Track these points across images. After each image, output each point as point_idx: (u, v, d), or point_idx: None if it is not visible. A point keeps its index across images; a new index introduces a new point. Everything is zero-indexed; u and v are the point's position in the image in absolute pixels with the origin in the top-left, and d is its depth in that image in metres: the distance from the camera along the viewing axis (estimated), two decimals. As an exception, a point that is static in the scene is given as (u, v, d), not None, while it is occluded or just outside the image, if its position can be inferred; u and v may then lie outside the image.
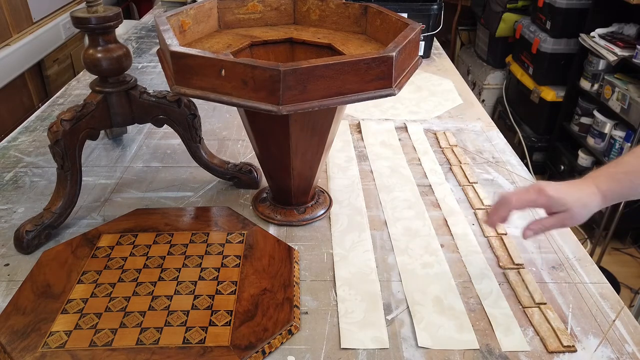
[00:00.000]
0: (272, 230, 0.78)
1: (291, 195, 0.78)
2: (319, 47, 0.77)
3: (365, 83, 0.61)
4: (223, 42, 0.76)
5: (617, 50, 2.00)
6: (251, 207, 0.83)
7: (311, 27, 0.83)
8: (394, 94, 0.63)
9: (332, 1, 0.81)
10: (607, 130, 2.13)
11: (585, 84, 2.24)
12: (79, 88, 1.28)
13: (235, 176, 0.87)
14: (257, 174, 0.88)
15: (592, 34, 2.16)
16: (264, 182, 0.89)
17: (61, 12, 2.04)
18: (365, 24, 0.80)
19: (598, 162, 2.20)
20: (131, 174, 0.92)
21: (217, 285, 0.66)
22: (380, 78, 0.62)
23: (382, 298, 0.67)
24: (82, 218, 0.81)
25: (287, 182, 0.76)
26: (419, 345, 0.60)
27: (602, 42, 2.08)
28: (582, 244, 0.79)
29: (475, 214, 0.83)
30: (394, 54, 0.60)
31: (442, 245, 0.76)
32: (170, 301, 0.63)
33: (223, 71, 0.58)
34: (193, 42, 0.75)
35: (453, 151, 1.01)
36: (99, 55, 0.74)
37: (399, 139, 1.06)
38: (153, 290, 0.65)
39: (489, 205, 0.85)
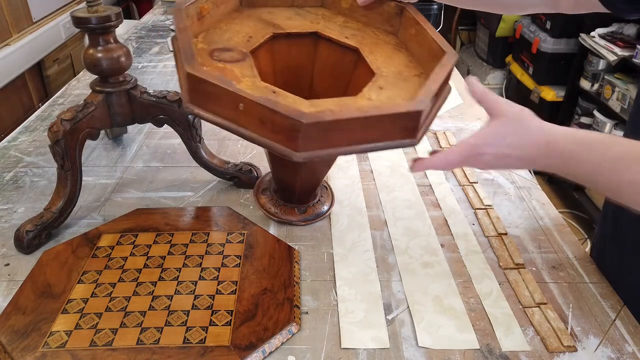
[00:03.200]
0: (273, 229, 0.78)
1: (294, 195, 0.78)
2: (345, 47, 0.72)
3: (388, 133, 0.58)
4: (244, 31, 0.70)
5: (617, 50, 2.00)
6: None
7: (339, 16, 0.78)
8: (414, 144, 0.60)
9: None
10: (607, 130, 2.13)
11: (585, 84, 2.24)
12: (79, 88, 1.28)
13: (235, 176, 0.87)
14: (257, 174, 0.88)
15: (592, 33, 2.16)
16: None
17: (61, 12, 2.04)
18: (398, 26, 0.75)
19: (598, 162, 2.20)
20: (131, 174, 0.92)
21: (218, 285, 0.66)
22: (405, 129, 0.58)
23: (383, 298, 0.67)
24: (82, 218, 0.81)
25: (292, 185, 0.76)
26: (419, 345, 0.60)
27: (602, 42, 2.08)
28: (582, 244, 0.79)
29: (476, 214, 0.83)
30: (424, 108, 0.57)
31: (442, 245, 0.76)
32: (171, 301, 0.64)
33: (241, 105, 0.55)
34: (211, 27, 0.70)
35: (453, 151, 1.01)
36: (99, 55, 0.74)
37: (399, 139, 1.05)
38: (153, 290, 0.65)
39: (489, 205, 0.85)
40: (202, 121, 0.84)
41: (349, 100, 0.61)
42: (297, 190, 0.77)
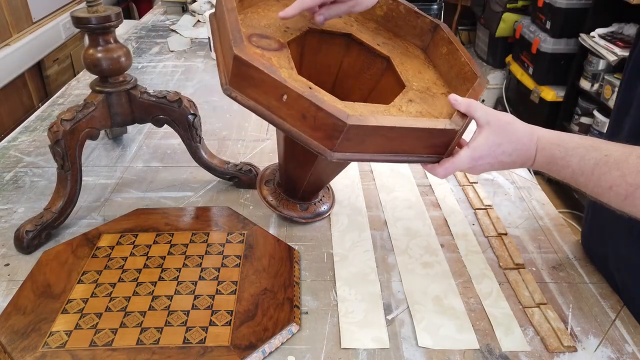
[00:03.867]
0: (273, 229, 0.78)
1: (299, 192, 0.78)
2: (375, 54, 0.72)
3: (420, 147, 0.59)
4: (281, 20, 0.69)
5: (617, 50, 2.00)
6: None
7: (372, 22, 0.78)
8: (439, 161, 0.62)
9: (404, 5, 0.77)
10: (606, 129, 2.13)
11: (585, 84, 2.24)
12: (79, 88, 1.28)
13: (235, 176, 0.87)
14: (257, 174, 0.88)
15: (592, 33, 2.16)
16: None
17: (61, 12, 2.04)
18: (429, 42, 0.76)
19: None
20: (131, 174, 0.92)
21: (217, 285, 0.66)
22: (436, 146, 0.60)
23: (382, 298, 0.67)
24: (82, 218, 0.81)
25: (300, 183, 0.75)
26: (419, 345, 0.60)
27: (602, 42, 2.08)
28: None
29: (476, 214, 0.83)
30: (459, 128, 0.58)
31: (442, 245, 0.76)
32: (171, 301, 0.64)
33: (285, 97, 0.55)
34: (249, 11, 0.69)
35: (453, 151, 1.01)
36: (99, 55, 0.74)
37: (399, 139, 1.05)
38: (153, 290, 0.65)
39: (489, 205, 0.85)
40: (202, 121, 0.85)
41: (382, 108, 0.62)
42: (304, 188, 0.76)
